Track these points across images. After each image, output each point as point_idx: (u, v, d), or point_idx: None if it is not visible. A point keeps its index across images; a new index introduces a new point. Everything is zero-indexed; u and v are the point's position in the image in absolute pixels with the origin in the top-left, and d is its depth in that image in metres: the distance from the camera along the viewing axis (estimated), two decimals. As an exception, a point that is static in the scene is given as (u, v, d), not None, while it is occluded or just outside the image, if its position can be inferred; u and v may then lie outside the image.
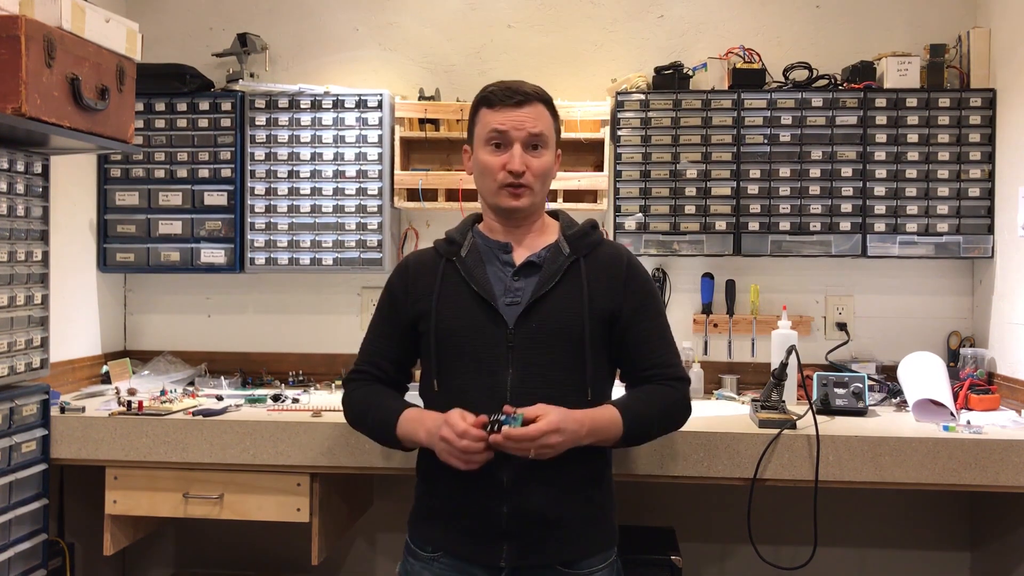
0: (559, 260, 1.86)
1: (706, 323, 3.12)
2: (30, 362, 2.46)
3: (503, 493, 1.78)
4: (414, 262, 1.96)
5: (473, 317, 1.83)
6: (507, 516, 1.78)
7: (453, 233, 1.95)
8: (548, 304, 1.82)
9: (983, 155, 2.88)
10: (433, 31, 3.22)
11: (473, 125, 1.90)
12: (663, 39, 3.16)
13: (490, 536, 1.79)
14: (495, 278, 1.86)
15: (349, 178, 3.02)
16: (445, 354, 1.84)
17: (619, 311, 1.87)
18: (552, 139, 1.88)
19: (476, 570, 1.82)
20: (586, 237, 1.91)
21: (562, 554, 1.81)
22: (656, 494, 3.07)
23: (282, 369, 3.18)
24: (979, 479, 2.27)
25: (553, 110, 1.90)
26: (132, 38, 2.47)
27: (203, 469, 2.47)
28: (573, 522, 1.81)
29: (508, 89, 1.84)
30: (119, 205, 3.08)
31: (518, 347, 1.80)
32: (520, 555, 1.79)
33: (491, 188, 1.86)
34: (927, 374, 2.65)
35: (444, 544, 1.84)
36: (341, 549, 3.22)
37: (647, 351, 1.89)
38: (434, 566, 1.85)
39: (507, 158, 1.83)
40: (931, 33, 3.04)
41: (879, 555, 3.10)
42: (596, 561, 1.85)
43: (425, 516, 1.89)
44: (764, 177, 2.93)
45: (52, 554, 2.57)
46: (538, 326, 1.81)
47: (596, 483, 1.87)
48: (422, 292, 1.89)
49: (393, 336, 1.95)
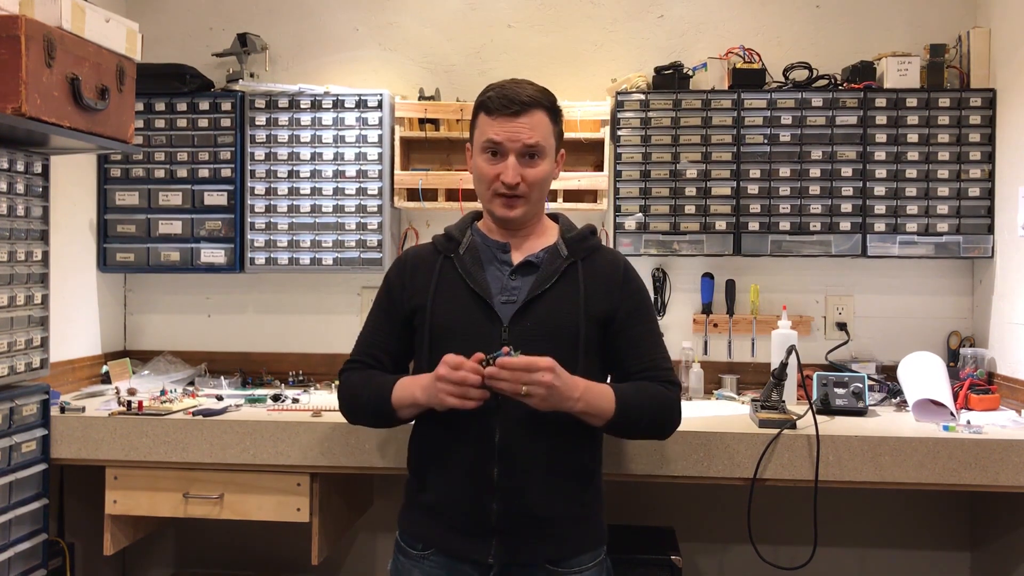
0: (557, 262, 1.87)
1: (706, 323, 3.12)
2: (30, 362, 2.46)
3: (494, 489, 1.78)
4: (412, 257, 1.97)
5: (469, 314, 1.84)
6: (497, 513, 1.78)
7: (452, 230, 1.96)
8: (543, 304, 1.83)
9: (983, 155, 2.88)
10: (433, 31, 3.22)
11: (473, 127, 1.91)
12: (663, 39, 3.16)
13: (480, 532, 1.80)
14: (492, 276, 1.87)
15: (349, 178, 3.02)
16: (439, 349, 1.84)
17: (614, 314, 1.87)
18: (550, 146, 1.88)
19: (466, 567, 1.82)
20: (584, 241, 1.92)
21: (551, 552, 1.81)
22: (656, 494, 3.06)
23: (282, 369, 3.18)
24: (979, 479, 2.27)
25: (554, 114, 1.89)
26: (132, 38, 2.47)
27: (203, 469, 2.47)
28: (563, 521, 1.82)
29: (506, 97, 1.82)
30: (119, 205, 3.08)
31: (512, 345, 1.80)
32: (509, 552, 1.79)
33: (485, 195, 1.87)
34: (927, 374, 2.65)
35: (434, 540, 1.85)
36: (341, 549, 3.22)
37: (640, 353, 1.89)
38: (424, 564, 1.85)
39: (502, 168, 1.83)
40: (931, 33, 3.04)
41: (879, 555, 3.10)
42: (586, 560, 1.86)
43: (415, 512, 1.90)
44: (764, 177, 2.93)
45: (52, 554, 2.57)
46: (532, 325, 1.81)
47: (586, 483, 1.87)
48: (419, 287, 1.90)
49: (389, 329, 1.96)
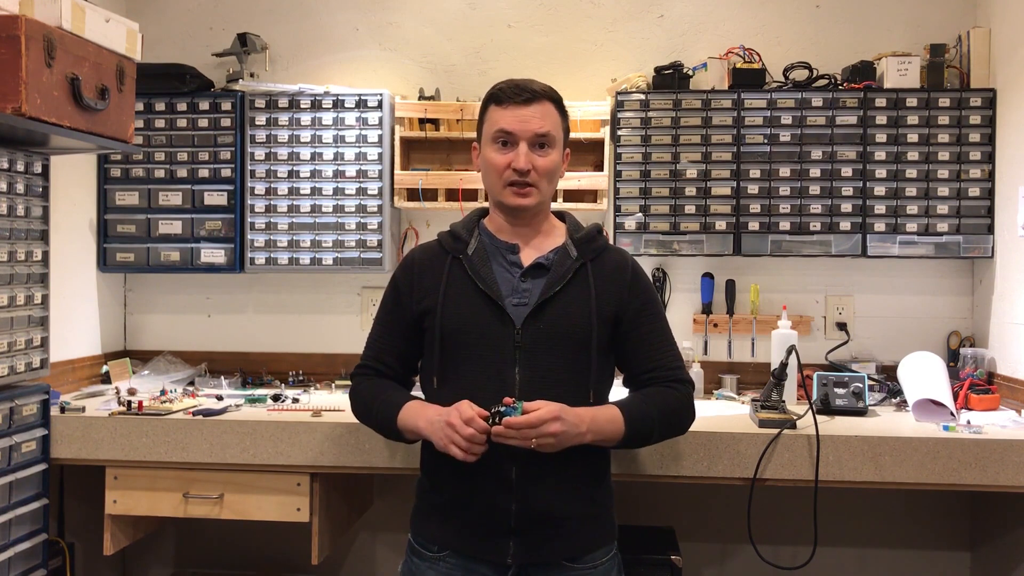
0: (567, 263, 1.87)
1: (706, 323, 3.11)
2: (30, 362, 2.46)
3: (511, 490, 1.78)
4: (419, 258, 1.96)
5: (479, 316, 1.83)
6: (515, 513, 1.79)
7: (459, 228, 1.94)
8: (556, 306, 1.83)
9: (983, 155, 2.87)
10: (433, 31, 3.22)
11: (481, 123, 1.91)
12: (663, 39, 3.16)
13: (498, 532, 1.80)
14: (502, 278, 1.86)
15: (349, 178, 3.02)
16: (449, 351, 1.84)
17: (623, 313, 1.88)
18: (559, 138, 1.88)
19: (483, 568, 1.82)
20: (593, 242, 1.92)
21: (567, 550, 1.83)
22: (656, 494, 3.06)
23: (282, 369, 3.18)
24: (979, 479, 2.27)
25: (562, 109, 1.90)
26: (132, 38, 2.47)
27: (203, 469, 2.47)
28: (577, 519, 1.83)
29: (517, 87, 1.85)
30: (119, 205, 3.08)
31: (525, 347, 1.81)
32: (527, 552, 1.80)
33: (497, 186, 1.86)
34: (927, 374, 2.65)
35: (450, 541, 1.84)
36: (341, 548, 3.22)
37: (650, 352, 1.89)
38: (440, 566, 1.85)
39: (513, 156, 1.83)
40: (931, 33, 3.04)
41: (879, 555, 3.10)
42: (600, 555, 1.88)
43: (429, 512, 1.89)
44: (764, 177, 2.93)
45: (52, 554, 2.57)
46: (546, 327, 1.82)
47: (598, 482, 1.89)
48: (427, 289, 1.89)
49: (397, 332, 1.95)
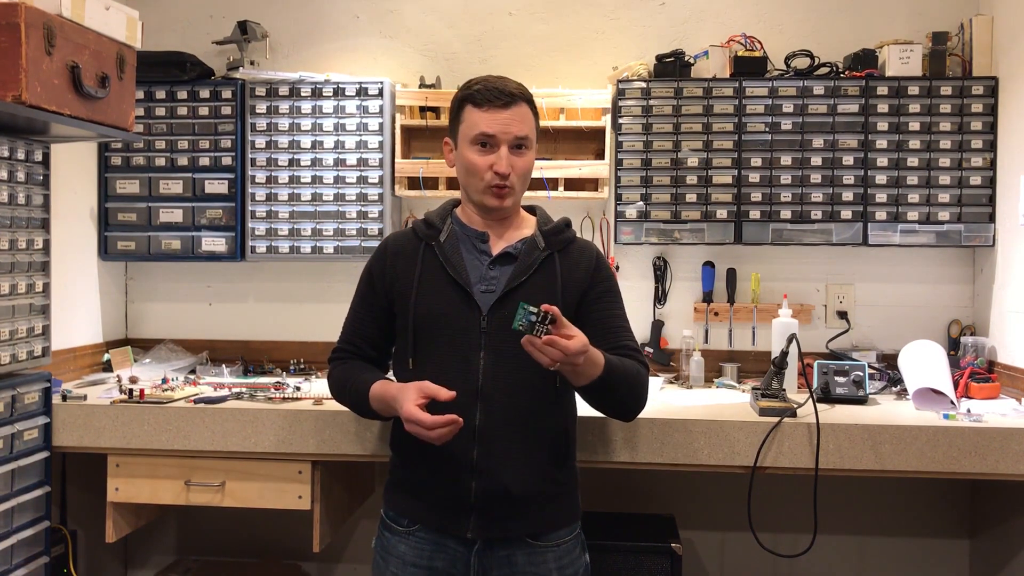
0: (535, 254, 1.92)
1: (707, 311, 3.12)
2: (32, 350, 2.47)
3: (473, 470, 1.84)
4: (392, 244, 2.01)
5: (449, 302, 1.88)
6: (475, 491, 1.84)
7: (432, 217, 1.99)
8: (522, 294, 1.86)
9: (985, 143, 2.87)
10: (434, 19, 3.21)
11: (458, 122, 1.92)
12: (664, 27, 3.15)
13: (459, 508, 1.86)
14: (471, 265, 1.91)
15: (350, 166, 3.02)
16: (421, 335, 1.89)
17: (587, 293, 1.93)
18: (534, 139, 1.94)
19: (450, 542, 1.88)
20: (561, 233, 1.97)
21: (527, 528, 1.88)
22: (656, 482, 3.07)
23: (283, 357, 3.18)
24: (979, 467, 2.28)
25: (534, 108, 1.94)
26: (132, 26, 2.46)
27: (205, 457, 2.48)
28: (538, 499, 1.89)
29: (495, 89, 1.87)
30: (120, 193, 3.08)
31: (491, 333, 1.85)
32: (486, 527, 1.86)
33: (477, 187, 1.90)
34: (928, 362, 2.65)
35: (418, 516, 1.91)
36: (342, 536, 3.24)
37: (611, 332, 1.93)
38: (410, 540, 1.91)
39: (494, 159, 1.87)
40: (933, 21, 3.03)
41: (879, 543, 3.11)
42: (563, 534, 1.93)
43: (399, 489, 1.96)
44: (765, 165, 2.92)
45: (54, 541, 2.58)
46: (511, 314, 1.82)
47: (560, 464, 1.93)
48: (400, 274, 1.94)
49: (370, 317, 2.01)
